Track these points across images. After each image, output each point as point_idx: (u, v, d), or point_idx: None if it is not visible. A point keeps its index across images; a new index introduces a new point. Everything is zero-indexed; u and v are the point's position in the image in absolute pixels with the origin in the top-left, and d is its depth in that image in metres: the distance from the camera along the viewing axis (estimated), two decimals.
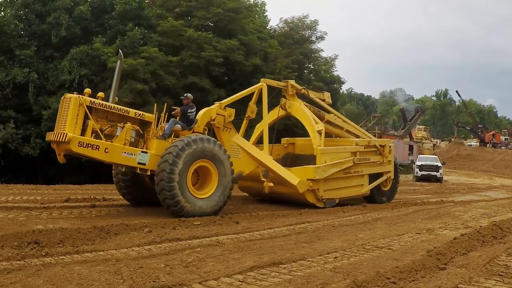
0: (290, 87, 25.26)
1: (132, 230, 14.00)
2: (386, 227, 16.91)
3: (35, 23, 39.52)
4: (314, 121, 24.16)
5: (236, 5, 45.34)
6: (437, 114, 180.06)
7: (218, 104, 21.14)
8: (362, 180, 24.87)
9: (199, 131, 19.73)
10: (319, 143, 23.18)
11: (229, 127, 20.99)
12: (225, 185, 18.68)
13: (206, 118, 20.24)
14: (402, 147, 69.07)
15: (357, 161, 24.29)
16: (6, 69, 36.99)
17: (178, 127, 19.25)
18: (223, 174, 18.62)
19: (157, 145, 17.91)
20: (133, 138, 17.72)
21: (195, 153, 17.72)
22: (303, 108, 24.94)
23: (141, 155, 17.40)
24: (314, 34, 58.86)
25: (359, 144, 24.82)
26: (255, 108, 23.29)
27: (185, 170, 17.42)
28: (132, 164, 17.35)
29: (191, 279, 9.15)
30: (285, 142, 27.50)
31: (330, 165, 22.79)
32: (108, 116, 17.52)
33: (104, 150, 16.59)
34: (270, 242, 13.39)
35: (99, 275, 9.13)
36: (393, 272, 9.96)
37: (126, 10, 40.56)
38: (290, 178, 21.61)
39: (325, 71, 58.41)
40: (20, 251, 10.89)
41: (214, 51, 40.53)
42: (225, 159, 18.73)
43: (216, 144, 18.56)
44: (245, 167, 21.09)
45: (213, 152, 18.29)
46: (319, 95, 27.63)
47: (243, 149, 21.15)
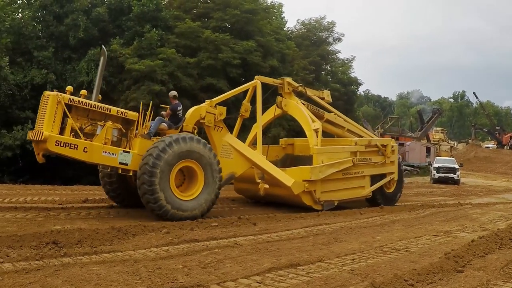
0: (286, 85, 24.49)
1: (150, 231, 14.05)
2: (404, 229, 16.86)
3: (53, 25, 39.65)
4: (311, 120, 23.30)
5: (253, 6, 45.37)
6: (455, 116, 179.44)
7: (208, 102, 20.49)
8: (363, 182, 24.14)
9: (188, 130, 19.20)
10: (316, 143, 22.38)
11: (221, 126, 20.37)
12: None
13: (195, 116, 19.65)
14: (419, 149, 68.84)
15: (357, 162, 23.50)
16: (24, 71, 37.13)
17: (164, 125, 18.70)
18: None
19: (140, 145, 17.40)
20: (116, 137, 17.25)
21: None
22: (300, 107, 24.14)
23: (123, 155, 16.87)
24: (331, 36, 58.97)
25: (358, 143, 24.07)
26: (249, 106, 22.53)
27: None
28: (113, 164, 16.88)
29: (209, 280, 9.17)
30: (284, 143, 26.97)
31: (327, 165, 22.00)
32: (89, 115, 17.06)
33: (83, 150, 16.12)
34: (288, 244, 13.38)
35: (118, 275, 9.16)
36: (411, 275, 9.96)
37: (143, 11, 40.66)
38: (284, 179, 20.89)
39: (342, 73, 58.33)
40: (39, 251, 10.94)
41: (231, 52, 40.57)
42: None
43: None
44: (237, 168, 20.51)
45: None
46: (318, 93, 26.90)
47: (235, 149, 20.50)
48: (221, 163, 19.12)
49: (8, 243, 11.47)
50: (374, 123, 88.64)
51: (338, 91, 52.63)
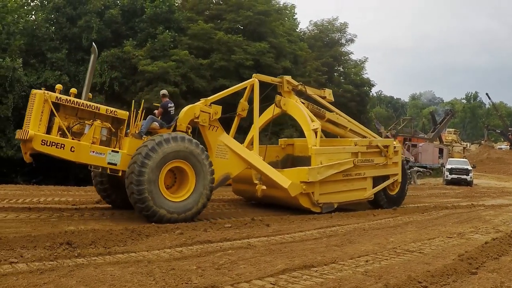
0: (285, 83, 23.69)
1: (164, 232, 14.07)
2: (417, 231, 16.79)
3: (66, 27, 39.80)
4: (310, 120, 22.48)
5: (266, 8, 45.41)
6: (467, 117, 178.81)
7: (203, 100, 19.77)
8: (365, 183, 23.35)
9: (182, 129, 18.64)
10: (315, 143, 21.58)
11: (216, 126, 19.73)
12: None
13: (189, 115, 18.99)
14: (432, 150, 68.65)
15: (359, 163, 22.72)
16: (38, 72, 37.29)
17: (155, 124, 18.21)
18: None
19: (129, 144, 16.84)
20: (105, 137, 16.73)
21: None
22: (299, 106, 23.30)
23: (112, 154, 16.38)
24: (343, 37, 58.97)
25: (359, 144, 23.20)
26: (247, 105, 21.83)
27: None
28: (101, 164, 16.34)
29: (223, 281, 9.16)
30: (283, 143, 26.26)
31: (326, 166, 21.19)
32: (78, 113, 16.57)
33: (70, 149, 15.63)
34: (301, 245, 13.36)
35: (132, 276, 9.18)
36: (425, 276, 9.93)
37: (156, 13, 40.77)
38: (281, 180, 20.26)
39: (355, 74, 58.27)
40: (53, 252, 10.97)
41: (244, 54, 40.57)
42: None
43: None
44: (233, 169, 19.94)
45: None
46: (319, 91, 26.06)
47: (231, 149, 19.87)
48: (216, 163, 18.91)
49: (22, 244, 11.51)
50: (386, 124, 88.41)
51: (350, 92, 52.69)
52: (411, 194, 34.61)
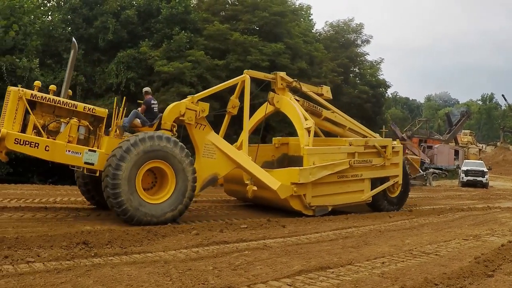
0: (279, 80, 22.73)
1: (180, 233, 14.11)
2: (433, 233, 16.74)
3: (83, 27, 39.92)
4: (303, 118, 21.45)
5: (282, 8, 45.39)
6: (483, 118, 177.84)
7: (190, 98, 19.27)
8: (362, 185, 22.24)
9: (166, 127, 17.98)
10: (307, 142, 20.58)
11: (203, 124, 19.07)
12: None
13: (174, 113, 18.34)
14: (447, 152, 68.48)
15: (355, 164, 21.62)
16: (54, 72, 37.41)
17: (137, 121, 17.59)
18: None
19: (107, 143, 16.19)
20: (83, 135, 16.17)
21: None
22: (293, 103, 22.23)
23: (89, 154, 15.70)
24: (359, 38, 58.81)
25: (354, 144, 22.03)
26: (237, 102, 21.52)
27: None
28: (77, 163, 15.71)
29: (239, 282, 9.17)
30: (277, 142, 25.08)
31: (319, 167, 20.17)
32: (55, 111, 16.02)
33: (45, 148, 15.09)
34: (317, 246, 13.35)
35: (148, 276, 9.20)
36: (441, 279, 9.91)
37: (172, 14, 40.81)
38: (270, 182, 19.37)
39: (370, 75, 58.12)
40: (69, 251, 11.04)
41: (260, 54, 40.51)
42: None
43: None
44: (220, 169, 19.25)
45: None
46: (316, 88, 25.04)
47: (219, 148, 19.17)
48: (204, 163, 18.66)
49: (39, 243, 11.58)
50: (402, 125, 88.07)
51: (366, 94, 52.61)
52: (426, 196, 34.78)
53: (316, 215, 19.95)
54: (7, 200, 18.96)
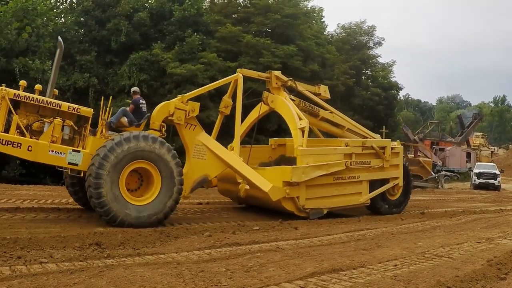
0: (274, 79, 22.07)
1: (192, 234, 14.13)
2: (445, 236, 16.66)
3: (95, 29, 40.03)
4: (298, 118, 20.64)
5: (294, 11, 45.39)
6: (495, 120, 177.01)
7: (179, 97, 18.69)
8: (360, 187, 21.50)
9: (155, 127, 17.53)
10: (301, 143, 19.84)
11: (193, 124, 18.49)
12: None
13: (163, 113, 17.81)
14: (459, 154, 68.34)
15: (352, 165, 20.87)
16: (67, 74, 37.52)
17: (124, 120, 17.17)
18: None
19: (92, 143, 15.75)
20: (67, 135, 15.78)
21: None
22: (287, 103, 21.42)
23: (72, 154, 15.31)
24: (371, 40, 58.75)
25: (350, 145, 21.25)
26: (230, 102, 21.02)
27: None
28: (61, 164, 15.31)
29: (252, 284, 9.16)
30: (273, 143, 24.41)
31: (313, 166, 19.42)
32: (39, 111, 15.70)
33: (27, 148, 14.76)
34: (330, 249, 13.33)
35: (161, 277, 9.20)
36: (454, 281, 9.84)
37: (184, 16, 40.86)
38: (262, 183, 18.69)
39: (382, 77, 58.07)
40: (82, 252, 11.07)
41: (272, 57, 40.49)
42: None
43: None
44: (211, 170, 18.66)
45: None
46: (313, 88, 24.00)
47: (209, 149, 18.54)
48: (194, 164, 18.17)
49: (51, 244, 11.63)
50: (414, 128, 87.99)
51: (378, 96, 52.58)
52: (438, 198, 34.74)
53: (310, 218, 19.38)
54: (20, 201, 19.04)
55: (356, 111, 48.93)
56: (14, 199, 19.63)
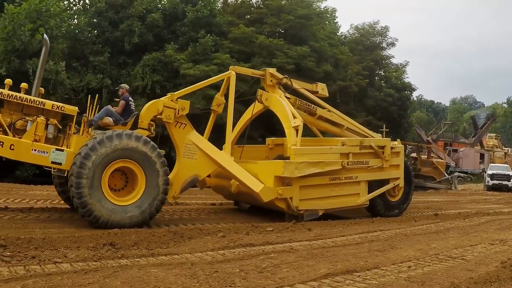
0: (268, 76, 21.30)
1: (206, 235, 14.12)
2: (459, 237, 16.59)
3: (108, 31, 40.17)
4: (292, 116, 19.79)
5: (307, 11, 45.41)
6: (509, 121, 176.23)
7: (169, 95, 18.17)
8: (358, 188, 20.67)
9: (143, 126, 17.00)
10: (295, 142, 19.05)
11: (184, 123, 17.85)
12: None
13: (152, 111, 17.31)
14: (473, 156, 68.19)
15: (349, 165, 20.15)
16: (80, 75, 37.66)
17: (109, 120, 16.53)
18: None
19: (76, 142, 15.34)
20: (52, 134, 15.45)
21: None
22: (282, 101, 20.67)
23: (56, 153, 14.92)
24: (384, 41, 58.68)
25: (347, 144, 20.50)
26: (223, 100, 20.37)
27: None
28: (44, 163, 15.03)
29: (266, 285, 9.15)
30: (271, 143, 23.45)
31: (307, 163, 18.61)
32: (24, 109, 15.41)
33: (10, 147, 14.49)
34: (343, 250, 13.30)
35: (176, 278, 9.20)
36: (468, 283, 9.82)
37: (197, 17, 40.92)
38: (252, 184, 18.00)
39: (396, 78, 57.99)
40: (96, 253, 11.10)
41: (285, 57, 40.48)
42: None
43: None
44: (201, 170, 18.07)
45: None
46: (310, 86, 23.07)
47: (200, 148, 17.91)
48: (184, 164, 17.64)
49: (65, 244, 11.65)
50: (427, 129, 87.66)
51: (392, 97, 52.50)
52: (452, 199, 34.62)
53: (304, 219, 18.71)
54: (33, 201, 19.10)
55: (369, 112, 48.96)
56: (28, 199, 19.70)
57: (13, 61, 32.90)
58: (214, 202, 22.41)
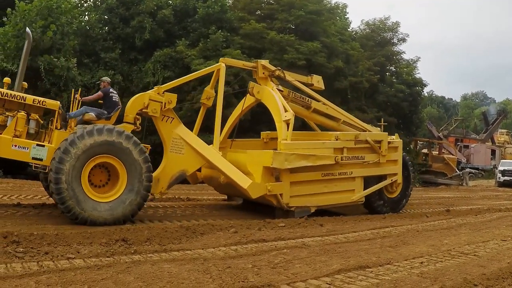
0: (260, 68, 20.68)
1: (218, 230, 14.16)
2: (471, 233, 16.60)
3: (119, 27, 40.18)
4: (284, 109, 19.12)
5: (318, 7, 45.29)
6: None
7: (156, 88, 17.90)
8: (353, 184, 20.10)
9: (129, 120, 16.78)
10: (285, 136, 18.42)
11: (171, 116, 17.60)
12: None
13: (137, 105, 17.02)
14: (484, 152, 68.02)
15: (343, 160, 19.55)
16: (92, 71, 37.70)
17: (91, 115, 16.19)
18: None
19: (57, 137, 15.06)
20: (33, 129, 15.33)
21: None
22: (274, 94, 19.95)
23: (36, 149, 14.71)
24: (395, 36, 58.44)
25: (341, 138, 19.84)
26: (213, 93, 20.11)
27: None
28: (25, 159, 14.77)
29: (279, 280, 9.19)
30: (265, 137, 22.55)
31: (298, 155, 18.02)
32: (5, 105, 15.21)
33: None
34: (356, 246, 13.33)
35: (189, 273, 9.24)
36: (480, 279, 9.88)
37: (208, 13, 40.89)
38: (241, 180, 17.56)
39: (407, 74, 57.78)
40: (109, 248, 11.17)
41: (296, 53, 40.38)
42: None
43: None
44: (189, 165, 17.75)
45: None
46: (305, 78, 22.37)
47: (187, 143, 17.61)
48: (171, 159, 17.39)
49: (78, 240, 11.73)
50: (438, 124, 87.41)
51: (403, 92, 52.30)
52: (463, 196, 34.56)
53: (296, 216, 18.08)
54: (46, 197, 19.08)
55: (380, 107, 48.81)
56: (40, 195, 19.77)
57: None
58: (226, 198, 22.42)
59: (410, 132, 54.41)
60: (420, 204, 24.07)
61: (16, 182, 24.29)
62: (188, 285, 8.61)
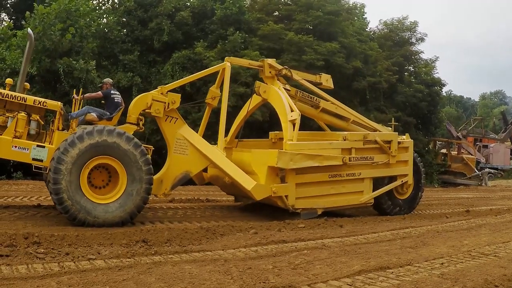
0: (267, 68, 20.33)
1: (238, 232, 14.22)
2: (491, 234, 16.54)
3: (138, 29, 40.23)
4: (289, 109, 18.74)
5: (336, 7, 45.20)
6: None
7: (159, 88, 17.80)
8: (362, 186, 19.71)
9: (132, 121, 16.72)
10: (291, 137, 18.07)
11: (174, 117, 17.47)
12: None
13: (140, 105, 17.00)
14: (503, 151, 67.54)
15: (351, 161, 19.17)
16: (110, 74, 37.74)
17: (92, 116, 16.26)
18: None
19: (58, 138, 15.03)
20: (34, 130, 15.37)
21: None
22: (280, 93, 19.57)
23: (37, 150, 14.72)
24: (414, 36, 58.20)
25: (349, 138, 19.44)
26: (218, 93, 19.83)
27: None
28: (25, 160, 14.78)
29: (299, 281, 9.22)
30: (274, 137, 22.18)
31: (304, 155, 17.72)
32: (6, 105, 15.29)
33: None
34: (376, 246, 13.36)
35: (210, 274, 9.29)
36: (501, 280, 9.88)
37: (226, 15, 40.89)
38: (245, 182, 17.36)
39: (425, 74, 57.53)
40: (130, 249, 11.25)
41: (314, 54, 40.28)
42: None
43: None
44: (193, 166, 17.63)
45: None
46: (313, 77, 22.20)
47: (191, 144, 17.48)
48: (175, 160, 17.28)
49: (99, 241, 11.84)
50: (456, 124, 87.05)
51: (421, 92, 52.09)
52: (483, 196, 34.42)
53: (302, 218, 17.72)
54: None
55: (399, 108, 48.64)
56: None
57: (43, 60, 33.13)
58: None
59: (429, 132, 54.14)
60: (440, 205, 23.99)
61: (36, 184, 24.39)
62: (210, 286, 8.66)
